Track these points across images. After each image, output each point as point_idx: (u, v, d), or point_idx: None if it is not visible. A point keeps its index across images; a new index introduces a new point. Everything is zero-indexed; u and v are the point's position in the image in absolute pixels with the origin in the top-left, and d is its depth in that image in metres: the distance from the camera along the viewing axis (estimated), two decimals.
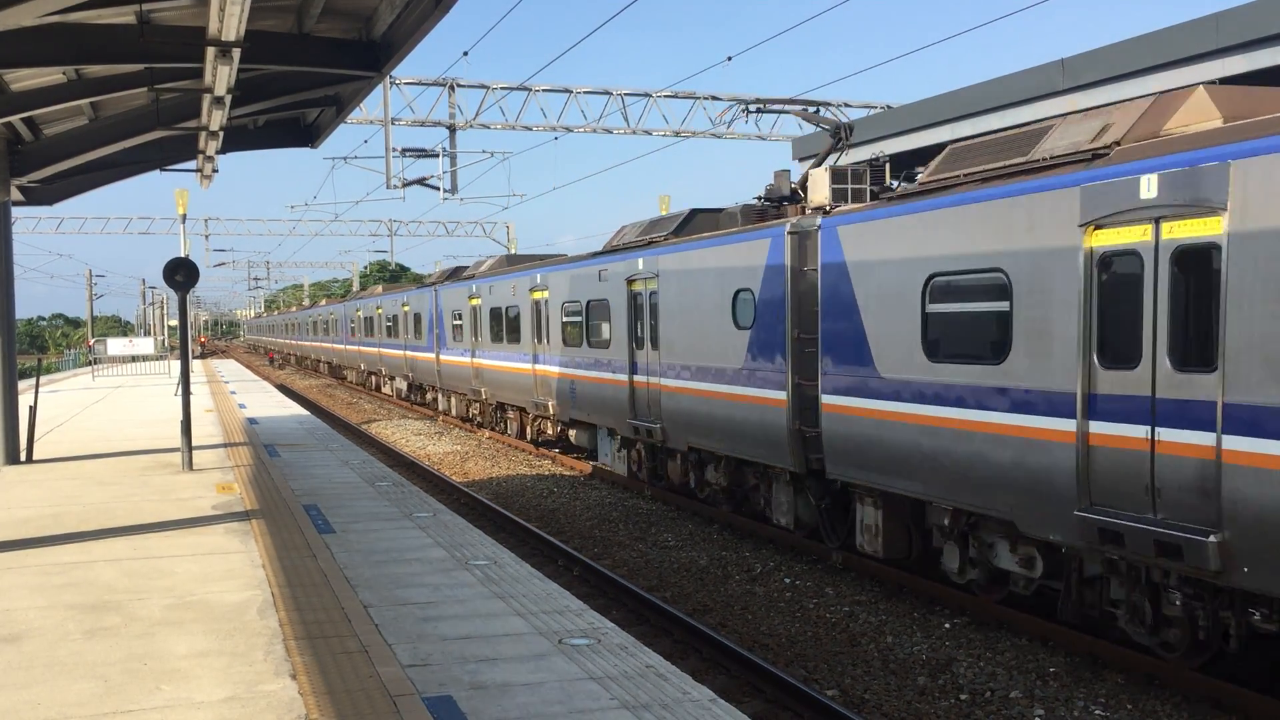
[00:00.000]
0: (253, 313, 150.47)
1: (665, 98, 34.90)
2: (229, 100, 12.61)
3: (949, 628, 10.90)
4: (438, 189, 33.76)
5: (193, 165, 18.90)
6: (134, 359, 51.95)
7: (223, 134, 15.11)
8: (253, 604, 8.13)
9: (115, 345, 51.19)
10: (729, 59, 27.58)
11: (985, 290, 10.20)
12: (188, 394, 15.63)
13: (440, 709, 5.89)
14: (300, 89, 14.47)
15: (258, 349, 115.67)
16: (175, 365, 47.91)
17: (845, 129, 14.92)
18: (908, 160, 19.16)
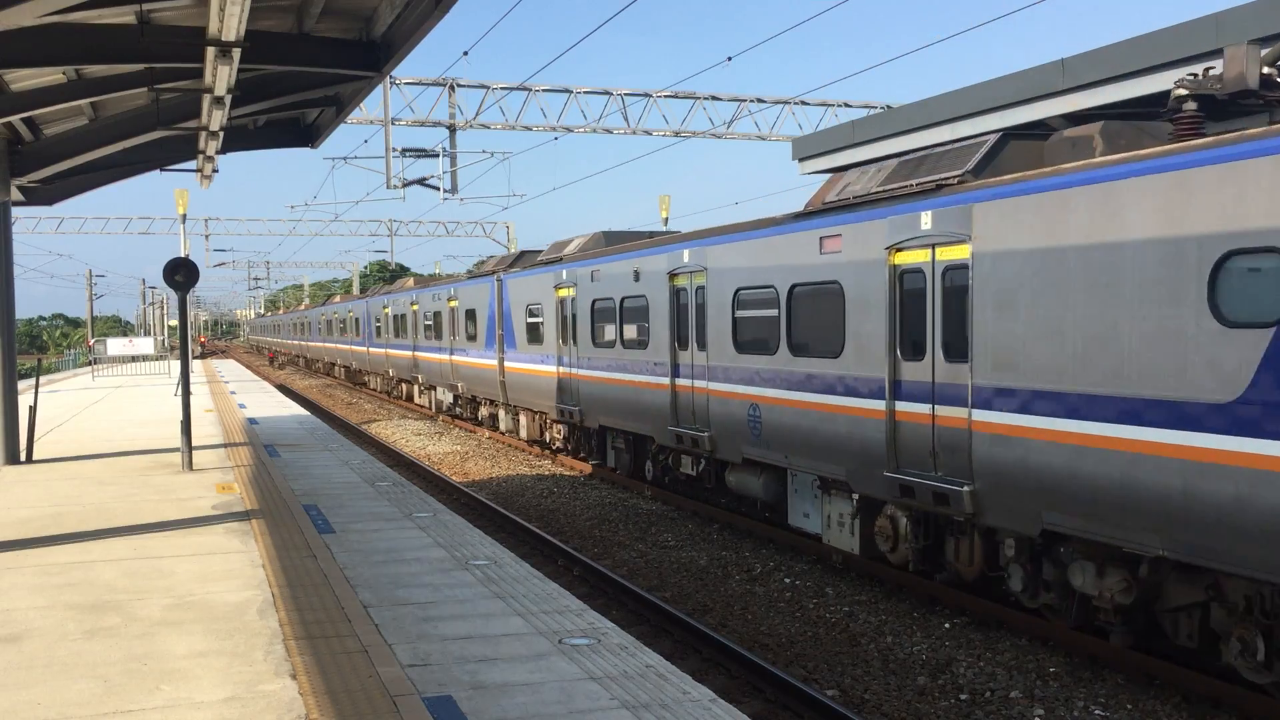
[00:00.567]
0: (253, 312, 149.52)
1: (665, 98, 34.90)
2: (229, 100, 12.62)
3: (949, 628, 10.91)
4: (438, 189, 33.74)
5: (193, 165, 18.92)
6: (134, 359, 51.97)
7: (223, 134, 15.12)
8: (253, 604, 8.14)
9: (115, 345, 51.19)
10: (729, 59, 27.57)
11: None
12: (188, 394, 15.64)
13: (440, 709, 5.89)
14: (300, 89, 14.47)
15: (261, 350, 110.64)
16: (175, 365, 47.93)
17: None
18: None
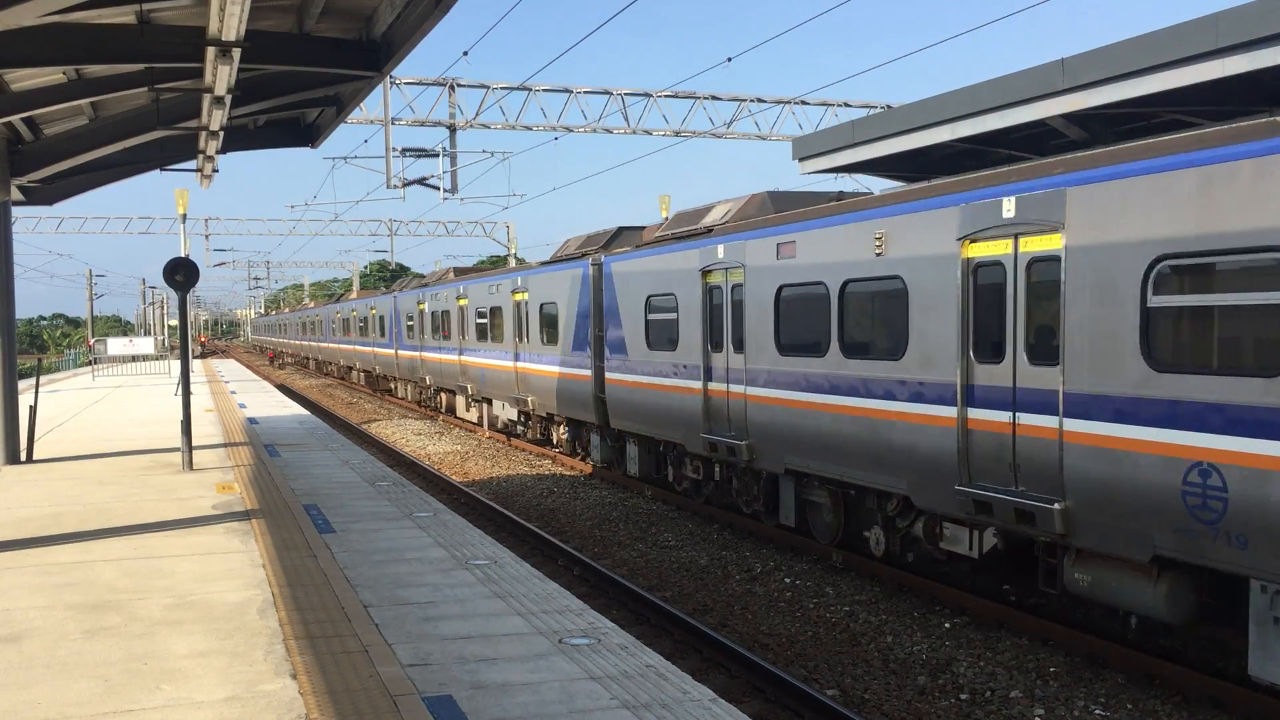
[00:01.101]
0: (254, 312, 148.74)
1: (665, 98, 34.89)
2: (229, 100, 12.62)
3: (949, 628, 10.91)
4: (438, 189, 33.71)
5: (193, 165, 18.92)
6: (134, 359, 51.96)
7: (223, 134, 15.12)
8: (253, 604, 8.14)
9: (115, 345, 51.13)
10: (729, 60, 27.56)
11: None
12: (188, 394, 15.63)
13: (440, 709, 5.89)
14: (300, 89, 14.47)
15: (263, 351, 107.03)
16: (175, 365, 47.94)
17: None
18: (908, 160, 19.12)
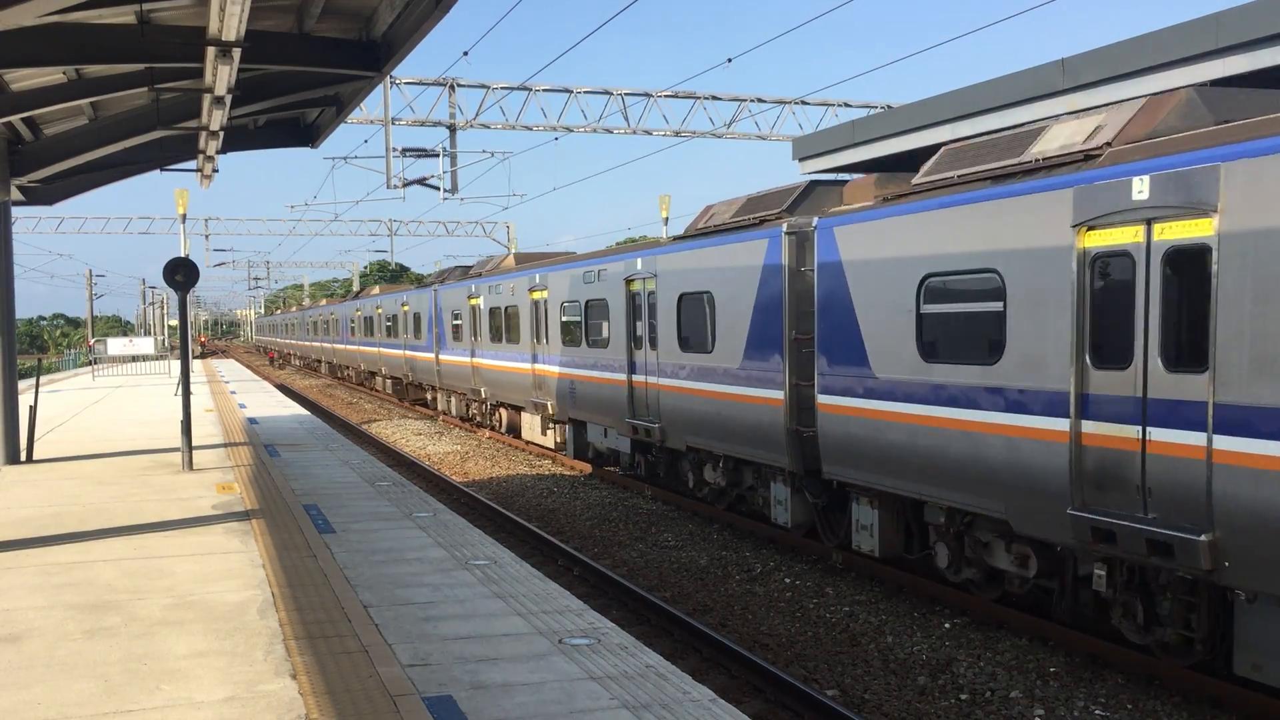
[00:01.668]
0: (254, 312, 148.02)
1: (665, 98, 34.89)
2: (229, 100, 12.61)
3: (949, 628, 10.90)
4: (438, 189, 33.72)
5: (193, 165, 18.90)
6: (134, 359, 51.96)
7: (223, 134, 15.11)
8: (253, 604, 8.14)
9: (115, 345, 51.16)
10: (729, 60, 27.57)
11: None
12: (188, 394, 15.63)
13: (440, 709, 5.89)
14: (300, 89, 14.46)
15: (264, 351, 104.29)
16: (175, 365, 47.92)
17: None
18: (908, 160, 19.14)
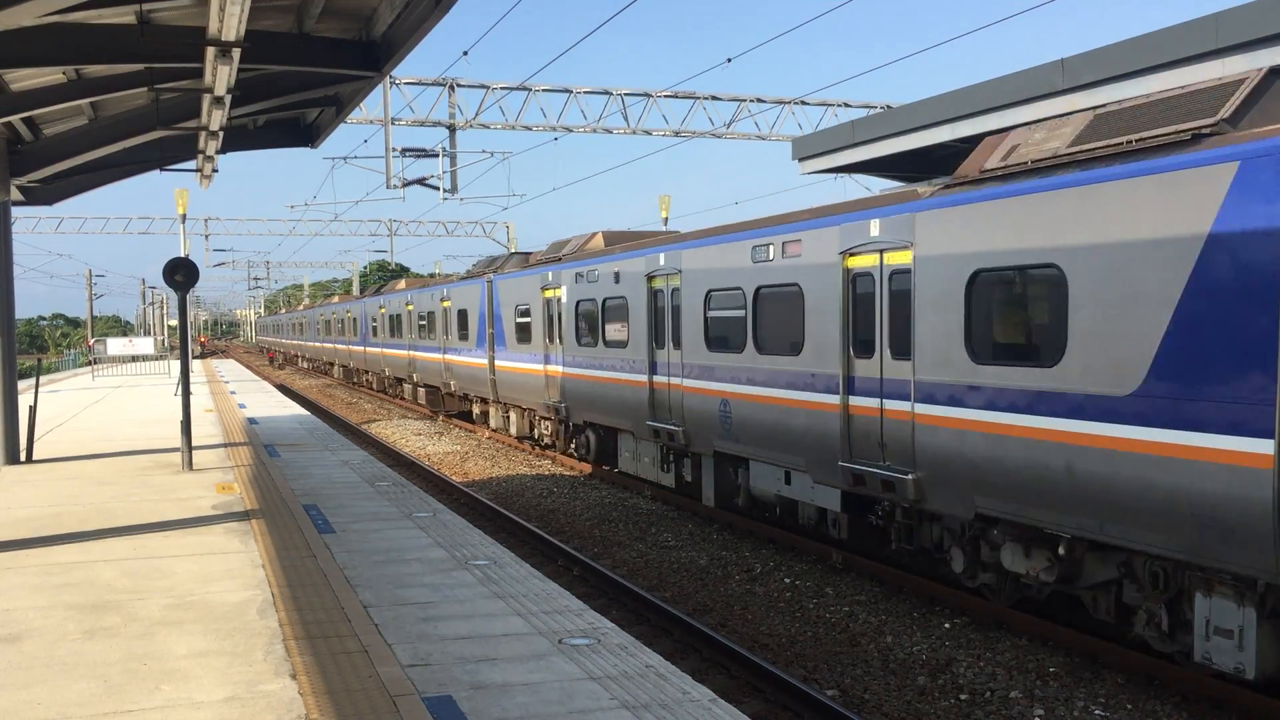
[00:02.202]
0: (254, 312, 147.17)
1: (665, 98, 34.88)
2: (229, 100, 12.61)
3: (949, 628, 10.90)
4: (438, 189, 33.71)
5: (193, 165, 18.91)
6: (134, 359, 51.97)
7: (223, 134, 15.11)
8: (252, 604, 8.14)
9: (115, 345, 51.15)
10: (729, 60, 27.55)
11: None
12: (188, 394, 15.63)
13: (440, 709, 5.89)
14: (300, 89, 14.46)
15: (264, 351, 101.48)
16: (175, 365, 47.93)
17: None
18: (908, 160, 19.13)
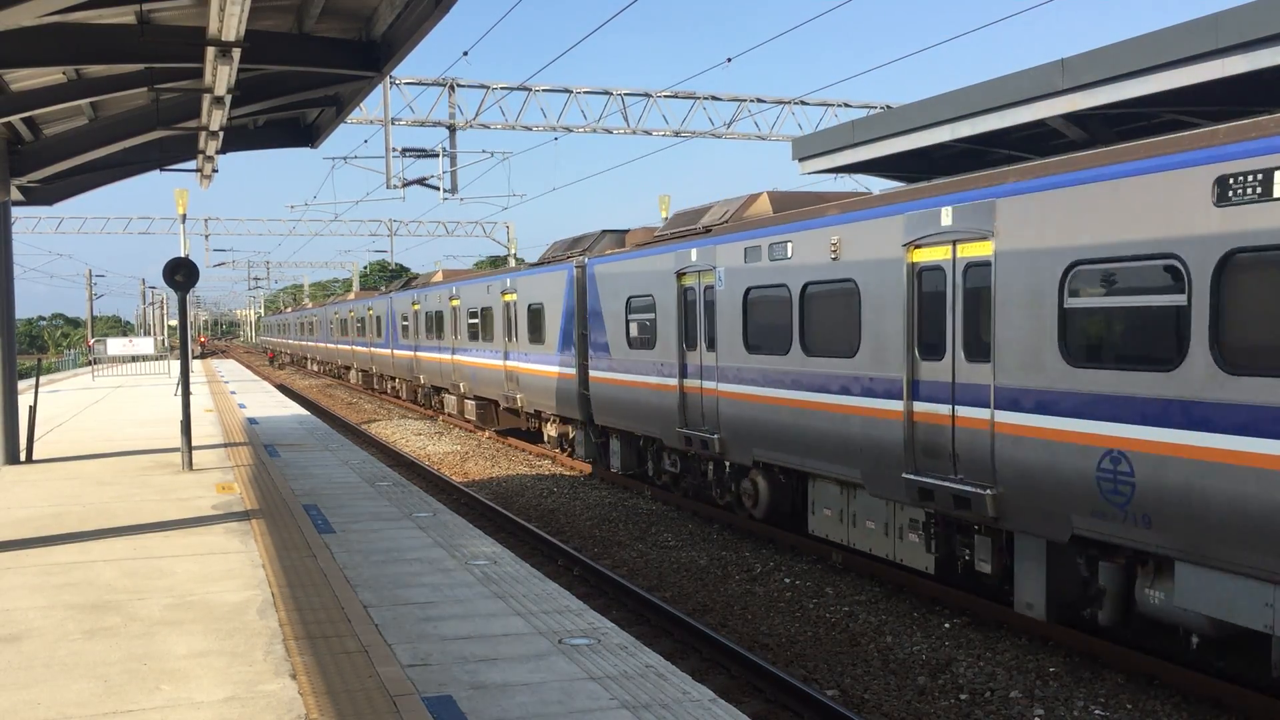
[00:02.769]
0: (254, 312, 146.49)
1: (665, 98, 34.88)
2: (229, 100, 12.61)
3: (949, 628, 10.90)
4: (438, 189, 33.70)
5: (193, 165, 18.91)
6: (134, 359, 51.97)
7: (223, 134, 15.11)
8: (252, 604, 8.14)
9: (115, 345, 51.18)
10: (729, 60, 27.56)
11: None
12: (187, 394, 15.63)
13: (440, 709, 5.89)
14: (300, 89, 14.46)
15: (265, 351, 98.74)
16: (175, 365, 47.93)
17: None
18: (908, 160, 19.12)
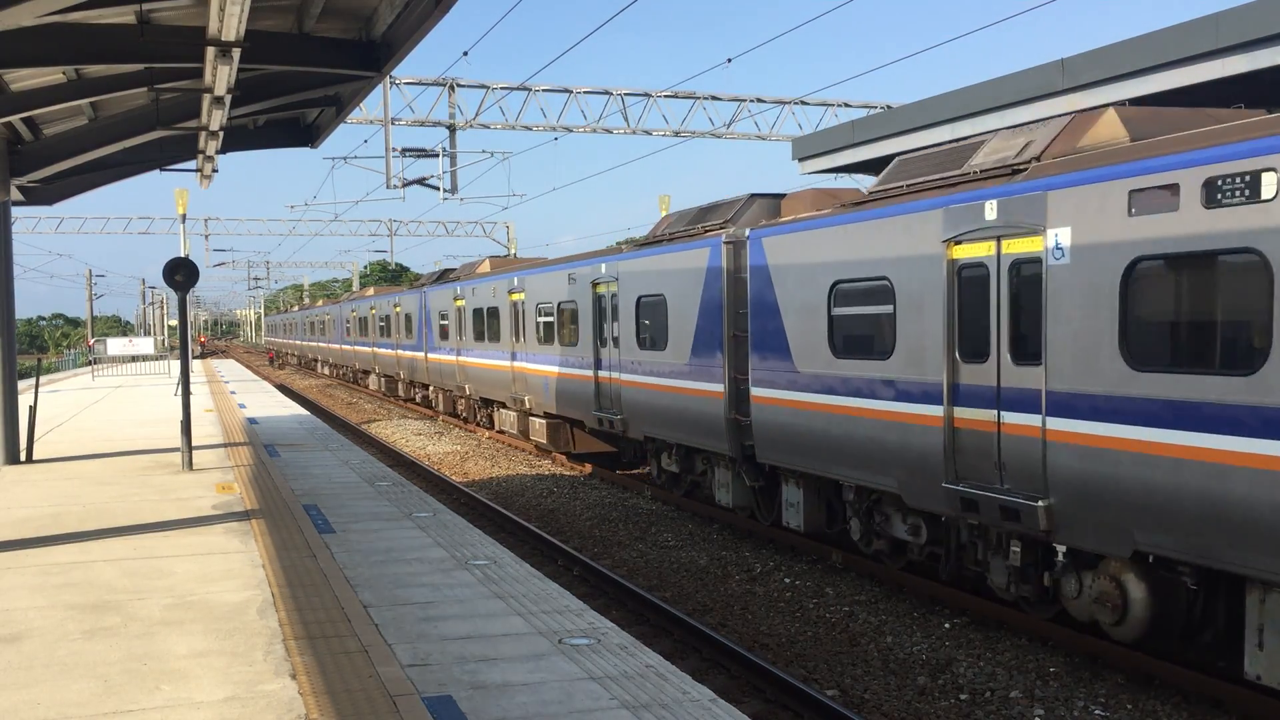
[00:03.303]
0: (254, 312, 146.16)
1: (665, 98, 34.88)
2: (229, 100, 12.61)
3: (949, 628, 10.90)
4: (438, 189, 33.71)
5: (193, 165, 18.91)
6: (134, 359, 51.96)
7: (223, 134, 15.11)
8: (252, 604, 8.14)
9: (115, 345, 51.16)
10: (729, 60, 27.59)
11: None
12: (187, 394, 15.63)
13: (440, 709, 5.89)
14: (300, 89, 14.46)
15: (266, 352, 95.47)
16: (175, 365, 47.92)
17: None
18: None
